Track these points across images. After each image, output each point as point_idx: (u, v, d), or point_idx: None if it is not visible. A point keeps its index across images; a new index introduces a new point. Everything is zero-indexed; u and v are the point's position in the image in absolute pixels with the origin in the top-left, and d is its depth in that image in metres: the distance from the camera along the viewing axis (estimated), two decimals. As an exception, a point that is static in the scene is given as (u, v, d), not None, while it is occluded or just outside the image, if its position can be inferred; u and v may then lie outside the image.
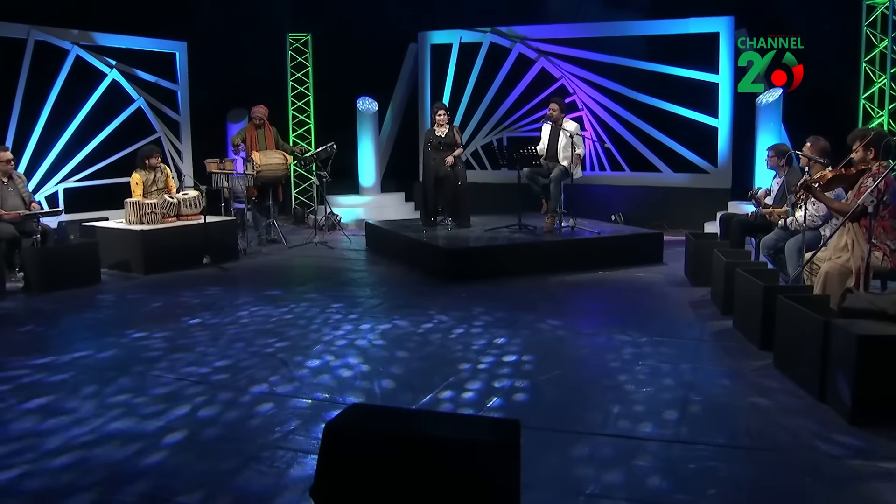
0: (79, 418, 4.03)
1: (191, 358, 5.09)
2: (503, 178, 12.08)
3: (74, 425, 3.93)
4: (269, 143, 9.99)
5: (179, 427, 3.91)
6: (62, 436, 3.80)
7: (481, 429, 2.62)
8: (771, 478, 3.34)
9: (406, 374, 4.76)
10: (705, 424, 3.88)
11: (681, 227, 10.65)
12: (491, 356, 5.05)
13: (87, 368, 4.89)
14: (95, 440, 3.75)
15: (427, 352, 5.21)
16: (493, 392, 4.37)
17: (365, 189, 12.63)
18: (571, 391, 4.41)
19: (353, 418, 2.67)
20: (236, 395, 4.37)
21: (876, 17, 9.86)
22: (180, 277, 7.87)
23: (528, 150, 8.54)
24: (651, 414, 4.01)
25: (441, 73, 12.88)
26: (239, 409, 4.18)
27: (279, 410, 4.14)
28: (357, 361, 5.02)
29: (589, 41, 11.94)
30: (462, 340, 5.44)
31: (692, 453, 3.55)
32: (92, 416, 4.05)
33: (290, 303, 6.68)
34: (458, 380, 4.60)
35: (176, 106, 11.60)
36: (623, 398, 4.25)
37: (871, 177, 5.15)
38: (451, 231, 9.02)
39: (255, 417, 4.05)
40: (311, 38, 12.68)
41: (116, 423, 3.98)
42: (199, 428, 3.91)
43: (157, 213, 8.40)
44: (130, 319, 6.16)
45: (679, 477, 3.32)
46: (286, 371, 4.80)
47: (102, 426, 3.92)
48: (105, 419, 4.01)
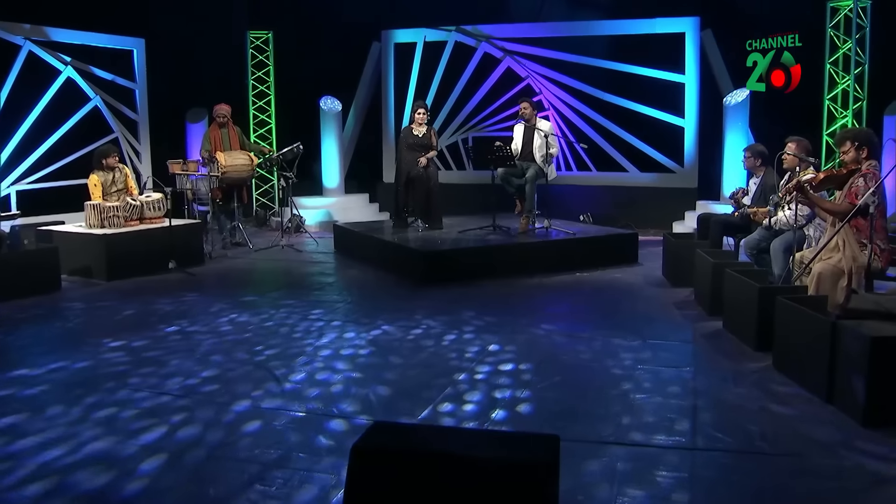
0: (54, 438, 3.73)
1: (173, 369, 4.82)
2: (472, 178, 11.97)
3: (50, 447, 3.63)
4: (234, 143, 9.68)
5: (170, 446, 3.65)
6: (36, 459, 3.50)
7: (520, 446, 2.46)
8: (797, 485, 3.25)
9: (401, 385, 4.56)
10: (720, 431, 3.78)
11: (648, 226, 10.66)
12: (487, 364, 4.89)
13: (62, 383, 4.58)
14: (76, 463, 3.47)
15: (419, 360, 5.03)
16: (495, 403, 4.21)
17: (329, 190, 12.35)
18: (576, 400, 4.27)
19: (381, 438, 2.48)
20: (227, 409, 4.13)
21: (839, 20, 10.00)
22: (146, 283, 7.54)
23: (504, 151, 8.41)
24: (663, 421, 3.90)
25: (405, 72, 12.69)
26: (232, 424, 3.93)
27: (274, 426, 3.91)
28: (348, 371, 4.81)
29: (555, 41, 11.89)
30: (454, 347, 5.27)
31: (713, 461, 3.45)
32: (70, 436, 3.76)
33: (269, 309, 6.43)
34: (457, 390, 4.43)
35: (134, 105, 11.16)
36: (631, 406, 4.13)
37: (862, 176, 5.15)
38: (422, 233, 8.84)
39: (249, 434, 3.82)
40: (272, 36, 12.35)
41: (98, 442, 3.70)
42: (190, 447, 3.65)
43: (119, 217, 8.04)
44: (104, 328, 5.84)
45: (705, 487, 3.22)
46: (275, 383, 4.56)
47: (81, 447, 3.64)
48: (84, 438, 3.73)
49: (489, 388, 4.44)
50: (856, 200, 5.12)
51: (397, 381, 4.61)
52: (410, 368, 4.84)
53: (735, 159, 10.49)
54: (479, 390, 4.41)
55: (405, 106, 12.68)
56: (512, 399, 4.27)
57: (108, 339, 5.46)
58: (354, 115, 13.08)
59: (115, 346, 5.33)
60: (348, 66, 12.80)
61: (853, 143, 5.22)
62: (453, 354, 5.12)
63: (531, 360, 4.92)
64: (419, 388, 4.46)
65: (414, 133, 8.99)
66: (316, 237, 10.27)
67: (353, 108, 13.01)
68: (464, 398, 4.29)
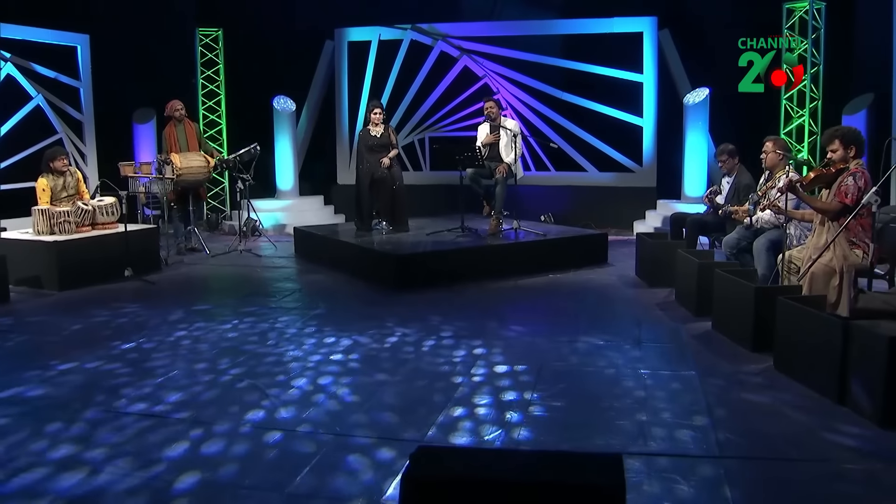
0: (27, 480, 3.30)
1: (141, 391, 4.38)
2: (429, 178, 11.79)
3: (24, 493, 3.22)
4: (192, 140, 9.23)
5: (157, 484, 3.30)
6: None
7: (584, 467, 2.28)
8: (832, 489, 3.17)
9: (401, 396, 4.33)
10: (742, 436, 3.67)
11: (609, 226, 10.64)
12: (483, 371, 4.70)
13: (20, 414, 4.06)
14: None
15: (409, 369, 4.81)
16: (506, 415, 4.02)
17: (283, 193, 11.98)
18: (589, 408, 4.10)
19: (432, 465, 2.27)
20: (211, 436, 3.75)
21: (794, 22, 10.14)
22: (101, 293, 7.10)
23: (475, 151, 8.23)
24: (683, 428, 3.78)
25: (359, 71, 12.39)
26: (225, 454, 3.60)
27: (275, 452, 3.61)
28: (338, 384, 4.55)
29: (513, 39, 11.78)
30: (440, 353, 5.07)
31: (747, 469, 3.34)
32: (40, 477, 3.38)
33: (232, 318, 6.09)
34: (460, 402, 4.22)
35: (78, 104, 10.59)
36: (646, 413, 3.99)
37: (851, 175, 5.15)
38: (386, 236, 8.60)
39: (252, 464, 3.50)
40: (222, 33, 11.91)
41: (67, 477, 3.34)
42: (186, 484, 3.36)
43: (70, 222, 7.58)
44: (53, 347, 5.33)
45: (746, 496, 3.09)
46: (257, 401, 4.27)
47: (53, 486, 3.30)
48: (45, 482, 3.38)
49: (495, 399, 4.24)
50: (845, 199, 5.12)
51: (396, 394, 4.37)
52: (405, 379, 4.61)
53: (696, 158, 10.57)
54: (485, 401, 4.21)
55: (360, 105, 12.41)
56: (522, 412, 4.07)
57: (55, 362, 4.92)
58: (307, 115, 12.72)
59: (64, 368, 4.82)
60: (300, 65, 12.44)
61: (842, 142, 5.21)
62: (441, 360, 4.92)
63: (531, 371, 4.73)
64: (420, 398, 4.24)
65: (372, 134, 8.73)
66: (273, 241, 9.94)
67: (306, 108, 12.64)
68: (474, 412, 4.07)
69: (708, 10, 10.91)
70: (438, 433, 3.78)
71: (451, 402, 4.18)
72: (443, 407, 4.11)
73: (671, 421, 3.88)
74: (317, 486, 3.22)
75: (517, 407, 4.11)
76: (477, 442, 3.69)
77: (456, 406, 4.13)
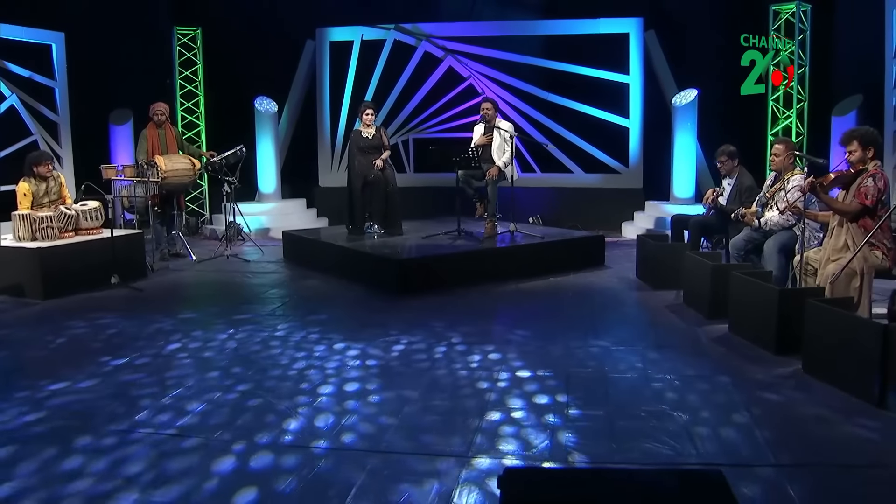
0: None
1: (147, 412, 4.04)
2: (413, 181, 11.61)
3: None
4: (171, 144, 8.94)
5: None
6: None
7: (691, 485, 2.14)
8: None
9: (431, 402, 4.16)
10: (793, 444, 3.58)
11: (596, 227, 10.56)
12: (508, 383, 4.56)
13: (14, 439, 3.74)
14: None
15: (430, 376, 4.64)
16: (539, 410, 3.88)
17: (265, 196, 11.70)
18: (630, 417, 3.95)
19: (531, 490, 2.11)
20: (254, 453, 3.55)
21: (780, 24, 10.19)
22: (88, 301, 6.79)
23: (471, 152, 8.08)
24: (728, 433, 3.67)
25: (341, 72, 12.19)
26: (276, 471, 3.40)
27: (325, 468, 3.43)
28: (362, 395, 4.36)
29: (498, 40, 11.68)
30: (455, 359, 4.92)
31: (810, 477, 3.23)
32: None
33: (229, 328, 5.82)
34: (495, 415, 4.07)
35: (54, 105, 10.20)
36: (691, 422, 3.87)
37: (871, 177, 5.12)
38: (380, 239, 8.41)
39: (309, 487, 3.32)
40: (200, 32, 11.59)
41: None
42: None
43: (53, 228, 7.26)
44: (43, 363, 4.99)
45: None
46: (283, 417, 4.07)
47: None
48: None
49: (529, 404, 4.09)
50: (865, 200, 5.10)
51: (425, 402, 4.19)
52: (429, 387, 4.43)
53: (685, 160, 10.56)
54: (518, 405, 4.06)
55: (342, 107, 12.21)
56: (561, 417, 3.92)
57: (44, 381, 4.56)
58: (288, 116, 12.46)
59: (57, 388, 4.45)
60: (281, 66, 12.18)
61: (860, 143, 5.18)
62: (458, 365, 4.76)
63: (557, 376, 4.59)
64: (451, 411, 4.07)
65: (363, 135, 8.55)
66: (259, 245, 9.69)
67: (287, 109, 12.37)
68: (512, 417, 3.92)
69: (694, 11, 10.92)
70: (484, 440, 3.63)
71: (486, 408, 4.03)
72: (479, 413, 3.96)
73: (714, 426, 3.77)
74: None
75: (554, 411, 3.98)
76: (525, 448, 3.54)
77: (491, 411, 3.98)
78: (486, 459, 3.43)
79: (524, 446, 3.58)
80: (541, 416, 3.92)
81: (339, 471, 3.34)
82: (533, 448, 3.56)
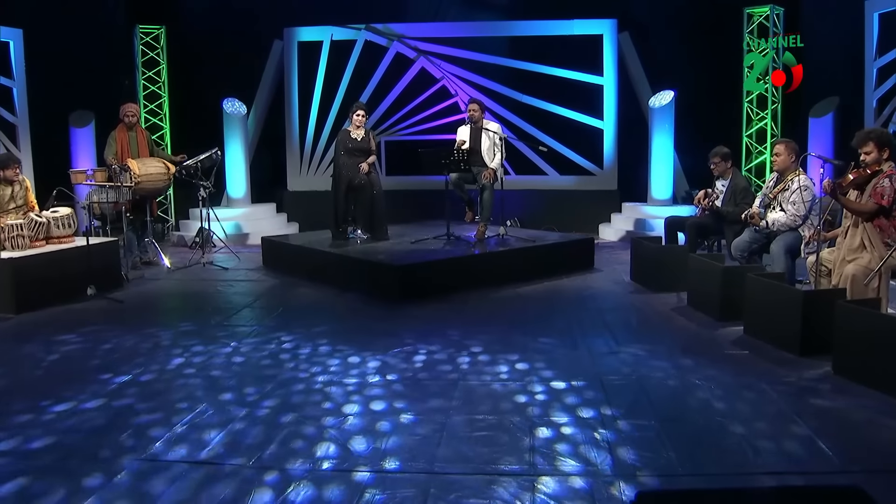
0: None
1: (162, 443, 3.67)
2: (396, 184, 11.36)
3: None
4: (143, 148, 8.55)
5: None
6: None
7: None
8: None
9: (472, 419, 3.96)
10: (855, 448, 3.49)
11: (573, 230, 10.49)
12: (539, 386, 4.40)
13: (27, 465, 3.47)
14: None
15: (461, 389, 4.44)
16: (588, 424, 3.73)
17: (235, 201, 11.32)
18: (678, 421, 3.87)
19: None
20: (290, 483, 3.30)
21: (754, 27, 10.30)
22: (66, 315, 6.39)
23: (459, 154, 7.91)
24: (788, 441, 3.57)
25: (310, 73, 11.88)
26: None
27: (375, 497, 3.21)
28: (394, 412, 4.14)
29: (471, 41, 11.55)
30: (482, 370, 4.74)
31: (879, 481, 3.15)
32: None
33: (231, 341, 5.51)
34: (538, 421, 3.90)
35: (12, 106, 9.64)
36: (738, 425, 3.78)
37: (888, 177, 5.13)
38: (363, 245, 8.16)
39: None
40: (164, 31, 11.14)
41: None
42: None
43: (24, 237, 6.83)
44: (36, 382, 4.64)
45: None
46: (317, 437, 3.83)
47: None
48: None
49: (575, 418, 3.93)
50: (881, 201, 5.10)
51: (465, 418, 3.99)
52: (464, 401, 4.24)
53: (663, 161, 10.59)
54: (564, 420, 3.90)
55: (310, 109, 11.90)
56: (613, 431, 3.77)
57: (46, 401, 4.23)
58: (255, 119, 12.08)
59: (61, 409, 4.14)
60: (248, 66, 11.80)
61: (876, 144, 5.19)
62: (488, 377, 4.59)
63: (593, 386, 4.44)
64: (495, 427, 3.88)
65: (352, 136, 8.30)
66: (235, 252, 9.34)
67: (253, 111, 11.99)
68: (562, 432, 3.76)
69: (668, 14, 10.96)
70: (541, 459, 3.45)
71: (533, 424, 3.86)
72: (528, 429, 3.79)
73: (771, 435, 3.67)
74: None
75: (603, 425, 3.83)
76: (587, 465, 3.38)
77: (540, 427, 3.81)
78: (551, 480, 3.26)
79: (585, 463, 3.43)
80: (593, 431, 3.76)
81: (395, 498, 3.13)
82: (594, 465, 3.41)
